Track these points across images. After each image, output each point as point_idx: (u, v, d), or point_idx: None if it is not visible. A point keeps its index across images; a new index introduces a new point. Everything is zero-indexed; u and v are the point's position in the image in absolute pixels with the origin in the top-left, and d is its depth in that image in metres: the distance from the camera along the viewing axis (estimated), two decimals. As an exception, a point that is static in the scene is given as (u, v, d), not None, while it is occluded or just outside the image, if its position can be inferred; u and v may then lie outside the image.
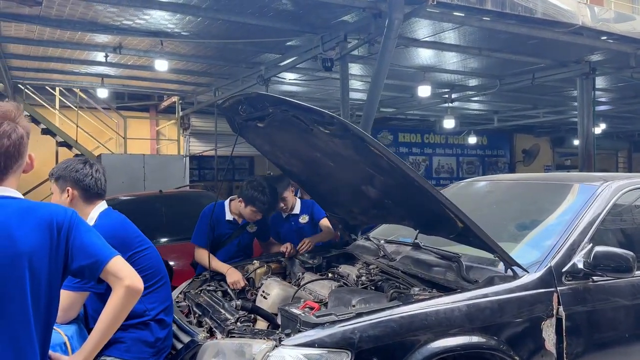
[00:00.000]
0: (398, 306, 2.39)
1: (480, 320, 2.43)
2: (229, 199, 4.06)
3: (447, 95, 10.79)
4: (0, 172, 1.69)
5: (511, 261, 2.65)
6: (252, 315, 2.80)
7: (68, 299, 2.36)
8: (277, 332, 2.37)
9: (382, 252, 3.51)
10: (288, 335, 2.25)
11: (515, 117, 15.14)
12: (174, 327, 2.74)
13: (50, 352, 1.75)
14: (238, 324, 2.56)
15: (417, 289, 2.72)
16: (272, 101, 2.66)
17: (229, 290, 3.36)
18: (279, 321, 2.74)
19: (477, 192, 4.05)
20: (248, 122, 3.19)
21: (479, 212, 3.65)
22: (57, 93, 11.64)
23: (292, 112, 2.60)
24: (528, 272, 2.67)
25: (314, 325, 2.27)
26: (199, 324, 2.84)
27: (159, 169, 10.74)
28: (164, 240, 5.76)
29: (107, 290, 2.47)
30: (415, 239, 3.26)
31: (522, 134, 19.42)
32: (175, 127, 13.48)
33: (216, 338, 2.46)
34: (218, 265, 3.65)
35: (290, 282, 3.53)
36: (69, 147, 11.52)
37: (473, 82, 10.35)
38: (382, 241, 3.72)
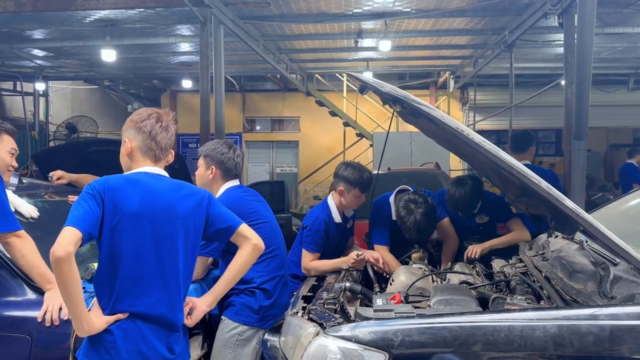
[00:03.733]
0: (463, 314, 2.04)
1: (575, 348, 1.87)
2: (330, 195, 3.47)
3: None
4: (161, 155, 2.19)
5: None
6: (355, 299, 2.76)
7: None
8: (337, 320, 2.31)
9: (543, 249, 2.95)
10: (339, 324, 2.18)
11: None
12: None
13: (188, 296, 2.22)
14: (325, 305, 2.58)
15: (520, 297, 2.23)
16: (362, 81, 2.54)
17: (370, 273, 3.32)
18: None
19: None
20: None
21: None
22: (344, 79, 12.96)
23: (376, 91, 2.43)
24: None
25: (364, 319, 2.15)
26: None
27: (425, 146, 10.84)
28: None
29: (223, 255, 2.85)
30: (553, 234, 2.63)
31: None
32: (453, 101, 13.38)
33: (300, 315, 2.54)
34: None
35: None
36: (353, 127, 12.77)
37: None
38: (559, 236, 3.11)
